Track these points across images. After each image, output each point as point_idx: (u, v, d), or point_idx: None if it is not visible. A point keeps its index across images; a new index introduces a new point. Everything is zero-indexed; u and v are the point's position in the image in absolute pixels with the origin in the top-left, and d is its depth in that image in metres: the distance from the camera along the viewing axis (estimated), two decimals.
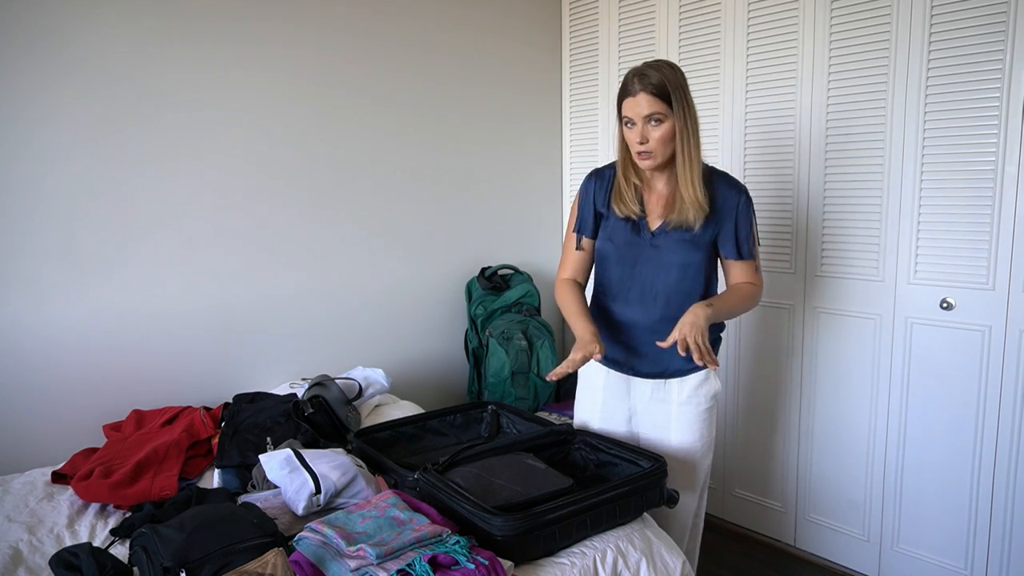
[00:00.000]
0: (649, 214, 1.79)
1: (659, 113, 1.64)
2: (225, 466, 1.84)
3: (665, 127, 1.65)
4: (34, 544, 1.55)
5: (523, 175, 3.16)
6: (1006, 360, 2.07)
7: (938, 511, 2.26)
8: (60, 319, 2.07)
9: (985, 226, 2.07)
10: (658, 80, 1.63)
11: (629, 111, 1.67)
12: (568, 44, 3.20)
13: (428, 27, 2.77)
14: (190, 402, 2.29)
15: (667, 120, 1.64)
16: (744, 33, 2.54)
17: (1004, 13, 1.97)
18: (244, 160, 2.37)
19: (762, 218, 2.58)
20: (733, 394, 2.75)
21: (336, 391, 2.13)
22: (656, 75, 1.63)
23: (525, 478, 1.57)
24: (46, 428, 2.06)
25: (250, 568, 1.22)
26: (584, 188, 1.87)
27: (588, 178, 1.87)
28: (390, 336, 2.79)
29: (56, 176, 2.04)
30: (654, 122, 1.65)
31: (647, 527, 1.64)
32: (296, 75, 2.46)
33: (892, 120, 2.21)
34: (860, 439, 2.42)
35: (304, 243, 2.53)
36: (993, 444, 2.12)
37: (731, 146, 2.63)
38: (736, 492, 2.80)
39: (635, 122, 1.67)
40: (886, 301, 2.30)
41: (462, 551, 1.31)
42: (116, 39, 2.09)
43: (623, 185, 1.77)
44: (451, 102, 2.88)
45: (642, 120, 1.65)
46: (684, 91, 1.66)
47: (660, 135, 1.65)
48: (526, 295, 2.90)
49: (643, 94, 1.63)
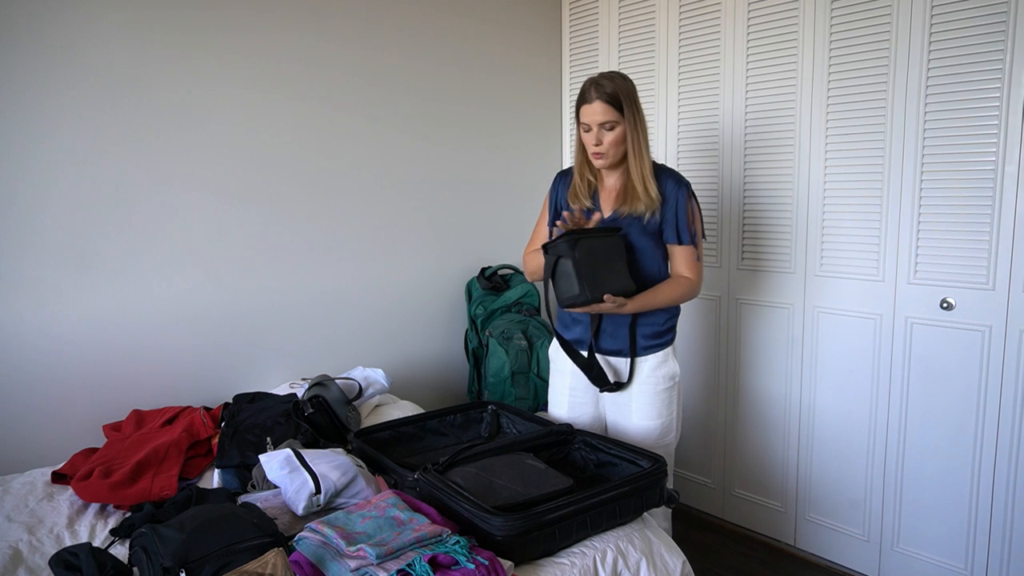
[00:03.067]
0: (603, 205, 1.99)
1: (612, 120, 1.84)
2: (225, 466, 1.84)
3: (617, 131, 1.85)
4: (34, 544, 1.55)
5: (523, 175, 3.16)
6: (1006, 360, 2.08)
7: (938, 511, 2.26)
8: (61, 319, 2.07)
9: (985, 226, 2.07)
10: (612, 89, 1.82)
11: (586, 117, 1.86)
12: (568, 44, 3.20)
13: (428, 28, 2.78)
14: (190, 402, 2.29)
15: (619, 125, 1.85)
16: (744, 33, 2.54)
17: (1004, 13, 1.97)
18: (244, 161, 2.37)
19: (762, 218, 2.58)
20: (733, 394, 2.76)
21: (336, 391, 2.13)
22: (610, 85, 1.83)
23: (525, 478, 1.57)
24: (46, 428, 2.06)
25: (250, 568, 1.22)
26: (552, 185, 2.11)
27: (556, 177, 2.10)
28: (390, 336, 2.80)
29: (60, 178, 2.04)
30: (608, 127, 1.85)
31: (647, 527, 1.64)
32: (296, 78, 2.46)
33: (892, 120, 2.21)
34: (860, 439, 2.42)
35: (304, 243, 2.53)
36: (993, 444, 2.12)
37: (731, 145, 2.63)
38: (736, 492, 2.80)
39: (591, 127, 1.86)
40: (886, 301, 2.30)
41: (462, 551, 1.31)
42: (120, 46, 2.10)
43: (578, 181, 1.99)
44: (451, 102, 2.88)
45: (597, 125, 1.85)
46: (634, 99, 1.86)
47: (612, 138, 1.86)
48: (526, 295, 2.90)
49: (598, 102, 1.83)
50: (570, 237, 1.76)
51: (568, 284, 1.78)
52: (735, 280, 2.70)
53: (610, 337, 1.98)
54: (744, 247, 2.65)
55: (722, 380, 2.78)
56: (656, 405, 1.98)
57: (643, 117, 1.89)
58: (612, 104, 1.82)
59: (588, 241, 1.77)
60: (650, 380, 1.97)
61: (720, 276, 2.74)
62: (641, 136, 1.87)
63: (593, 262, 1.76)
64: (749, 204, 2.61)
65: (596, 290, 1.76)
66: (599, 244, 1.79)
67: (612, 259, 1.81)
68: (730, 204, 2.66)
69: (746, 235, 2.64)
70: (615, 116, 1.83)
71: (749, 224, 2.62)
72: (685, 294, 1.95)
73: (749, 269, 2.65)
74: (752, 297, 2.65)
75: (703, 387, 2.85)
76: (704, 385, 2.85)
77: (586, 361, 1.98)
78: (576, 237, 1.76)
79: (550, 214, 2.08)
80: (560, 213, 2.01)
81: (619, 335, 1.97)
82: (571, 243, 1.75)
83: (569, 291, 1.78)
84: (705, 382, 2.84)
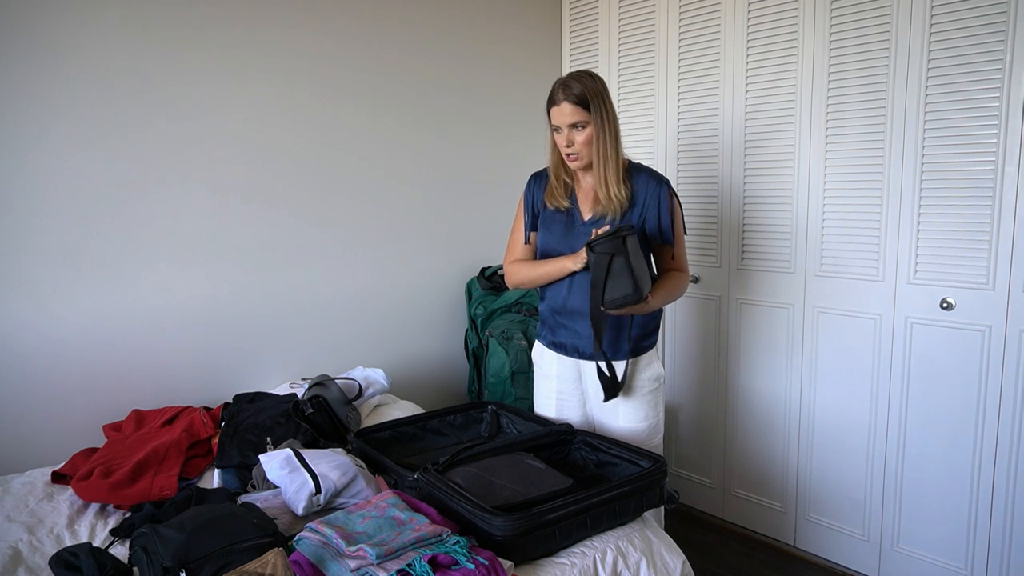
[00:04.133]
0: (581, 206, 1.96)
1: (581, 120, 1.82)
2: (225, 466, 1.84)
3: (587, 131, 1.83)
4: (34, 544, 1.55)
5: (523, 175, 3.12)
6: (1006, 360, 2.08)
7: (938, 511, 2.26)
8: (61, 319, 2.07)
9: (985, 226, 2.07)
10: (579, 90, 1.81)
11: (556, 119, 1.86)
12: (568, 44, 3.20)
13: (427, 28, 2.78)
14: (190, 402, 2.29)
15: (589, 125, 1.83)
16: (744, 33, 2.54)
17: (1004, 13, 1.97)
18: (244, 161, 2.37)
19: (762, 218, 2.58)
20: (733, 394, 2.76)
21: (336, 391, 2.13)
22: (578, 86, 1.81)
23: (525, 478, 1.57)
24: (46, 428, 2.06)
25: (250, 568, 1.22)
26: (527, 188, 2.07)
27: (529, 179, 2.07)
28: (390, 336, 2.80)
29: (59, 177, 2.04)
30: (578, 127, 1.83)
31: (647, 527, 1.64)
32: (296, 80, 2.45)
33: (892, 120, 2.21)
34: (860, 439, 2.42)
35: (304, 243, 2.53)
36: (993, 444, 2.12)
37: (731, 145, 2.63)
38: (736, 492, 2.81)
39: (561, 128, 1.85)
40: (886, 301, 2.30)
41: (462, 551, 1.31)
42: (120, 43, 2.09)
43: (554, 182, 1.98)
44: (451, 102, 2.88)
45: (567, 127, 1.84)
46: (603, 98, 1.84)
47: (583, 139, 1.84)
48: (526, 295, 2.89)
49: (566, 103, 1.82)
50: (616, 235, 1.70)
51: (620, 284, 1.70)
52: (735, 280, 2.70)
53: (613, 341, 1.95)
54: (744, 247, 2.65)
55: (722, 380, 2.78)
56: (644, 407, 1.97)
57: (614, 117, 1.87)
58: (580, 104, 1.80)
59: (631, 239, 1.71)
60: (638, 382, 1.97)
61: (720, 276, 2.74)
62: (609, 137, 1.84)
63: (637, 260, 1.72)
64: (749, 204, 2.61)
65: (644, 289, 1.71)
66: (635, 242, 1.73)
67: (642, 256, 1.78)
68: (730, 204, 2.66)
69: (746, 235, 2.64)
70: (584, 116, 1.81)
71: (749, 224, 2.62)
72: (683, 288, 1.96)
73: (749, 269, 2.65)
74: (752, 297, 2.65)
75: (703, 387, 2.85)
76: (704, 385, 2.85)
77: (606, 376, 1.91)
78: (623, 234, 1.70)
79: (526, 216, 2.04)
80: (537, 214, 2.01)
81: (621, 338, 1.94)
82: (620, 241, 1.69)
83: (621, 291, 1.71)
84: (705, 382, 2.84)
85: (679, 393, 2.94)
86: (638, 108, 2.93)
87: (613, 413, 1.99)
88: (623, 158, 1.91)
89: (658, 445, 2.03)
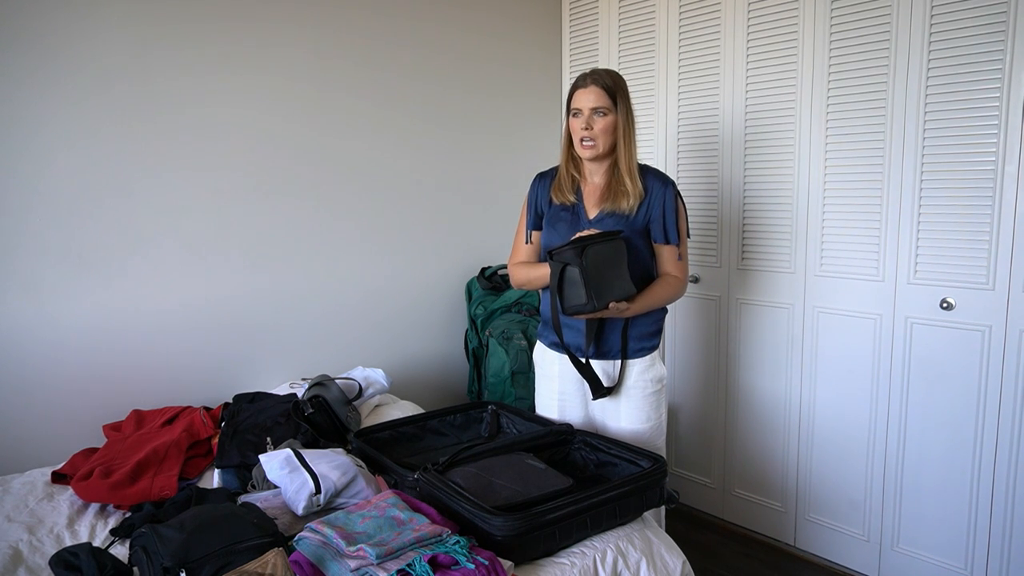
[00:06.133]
0: (586, 202, 1.98)
1: (604, 107, 1.87)
2: (225, 466, 1.84)
3: (608, 119, 1.88)
4: (34, 544, 1.55)
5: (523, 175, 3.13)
6: (1006, 360, 2.08)
7: (938, 511, 2.26)
8: (60, 319, 2.07)
9: (985, 226, 2.07)
10: (609, 81, 1.88)
11: (579, 101, 1.89)
12: (568, 44, 3.20)
13: (428, 29, 2.78)
14: (190, 402, 2.29)
15: (610, 115, 1.88)
16: (744, 33, 2.54)
17: (1004, 13, 1.97)
18: (244, 161, 2.37)
19: (762, 218, 2.58)
20: (733, 394, 2.76)
21: (336, 391, 2.13)
22: (608, 77, 1.89)
23: (525, 478, 1.57)
24: (46, 428, 2.06)
25: (250, 568, 1.22)
26: (531, 188, 2.08)
27: (535, 179, 2.09)
28: (390, 336, 2.79)
29: (57, 176, 2.04)
30: (600, 113, 1.87)
31: (647, 527, 1.64)
32: (296, 77, 2.45)
33: (892, 120, 2.21)
34: (860, 439, 2.42)
35: (304, 243, 2.53)
36: (993, 444, 2.12)
37: (731, 145, 2.63)
38: (736, 492, 2.81)
39: (583, 112, 1.88)
40: (886, 301, 2.30)
41: (462, 551, 1.31)
42: (117, 40, 2.09)
43: (563, 176, 2.00)
44: (451, 102, 2.88)
45: (589, 110, 1.87)
46: (627, 96, 1.91)
47: (603, 126, 1.88)
48: (526, 295, 2.89)
49: (594, 87, 1.87)
50: (577, 244, 1.75)
51: (575, 292, 1.76)
52: (735, 280, 2.70)
53: (602, 341, 1.97)
54: (744, 247, 2.65)
55: (722, 380, 2.78)
56: (645, 409, 1.98)
57: (633, 116, 1.93)
58: (607, 92, 1.86)
59: (595, 247, 1.75)
60: (639, 384, 1.97)
61: (720, 276, 2.74)
62: (630, 132, 1.91)
63: (600, 269, 1.75)
64: (749, 204, 2.61)
65: (603, 298, 1.74)
66: (605, 249, 1.77)
67: (617, 264, 1.80)
68: (730, 204, 2.66)
69: (746, 235, 2.64)
70: (608, 103, 1.86)
71: (749, 224, 2.62)
72: (676, 294, 1.97)
73: (749, 269, 2.65)
74: (752, 297, 2.65)
75: (703, 387, 2.85)
76: (704, 385, 2.85)
77: (584, 368, 1.95)
78: (584, 244, 1.74)
79: (530, 217, 2.06)
80: (542, 213, 2.03)
81: (611, 339, 1.96)
82: (578, 250, 1.74)
83: (576, 299, 1.76)
84: (705, 382, 2.84)
85: (679, 393, 2.94)
86: (638, 108, 2.89)
87: (615, 415, 1.99)
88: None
89: (660, 448, 2.02)
